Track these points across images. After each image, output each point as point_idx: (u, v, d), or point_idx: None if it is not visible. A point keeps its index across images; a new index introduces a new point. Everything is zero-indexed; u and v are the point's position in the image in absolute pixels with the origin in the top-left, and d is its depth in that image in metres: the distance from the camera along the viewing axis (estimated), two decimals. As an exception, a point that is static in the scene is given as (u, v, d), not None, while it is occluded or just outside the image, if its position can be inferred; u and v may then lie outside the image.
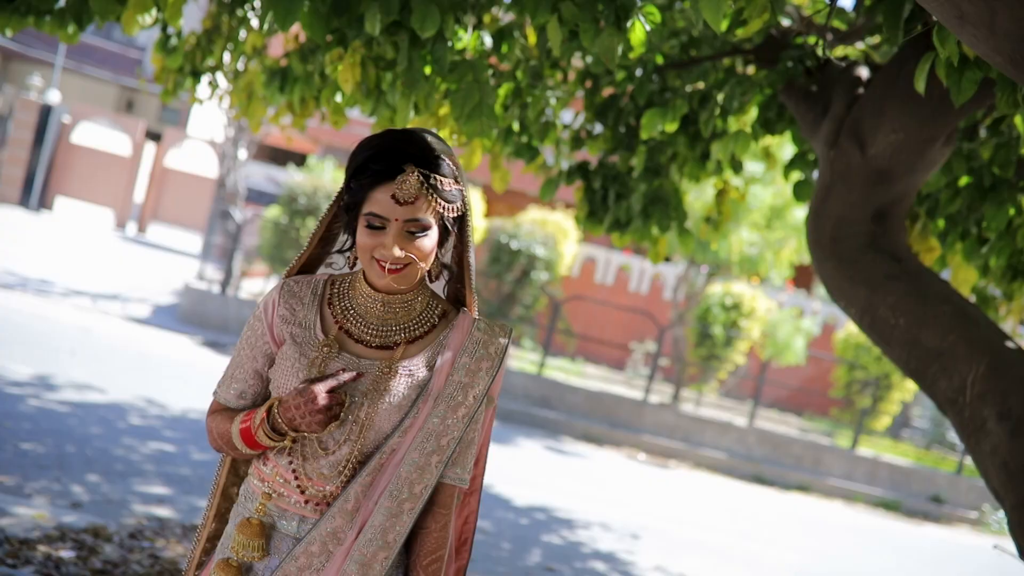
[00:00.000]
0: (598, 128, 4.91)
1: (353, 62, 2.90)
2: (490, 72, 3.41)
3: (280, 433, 1.77)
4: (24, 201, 19.64)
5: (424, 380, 1.80)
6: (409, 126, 3.57)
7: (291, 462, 1.80)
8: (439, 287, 1.95)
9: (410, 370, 1.80)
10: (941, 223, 3.95)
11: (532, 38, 4.17)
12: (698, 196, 10.67)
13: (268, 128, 14.22)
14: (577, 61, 4.68)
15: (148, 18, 3.13)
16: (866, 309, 3.20)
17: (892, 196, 3.25)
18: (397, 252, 1.72)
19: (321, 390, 1.73)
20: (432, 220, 1.74)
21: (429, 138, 1.78)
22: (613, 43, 2.46)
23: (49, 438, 6.23)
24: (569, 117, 5.07)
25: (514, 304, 13.62)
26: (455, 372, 1.81)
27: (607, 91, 4.63)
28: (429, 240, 1.75)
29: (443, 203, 1.74)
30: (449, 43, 3.04)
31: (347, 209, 1.80)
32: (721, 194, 5.74)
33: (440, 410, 1.79)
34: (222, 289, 12.78)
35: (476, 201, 15.83)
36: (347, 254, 1.88)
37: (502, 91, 3.62)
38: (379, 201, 1.72)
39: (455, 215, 1.79)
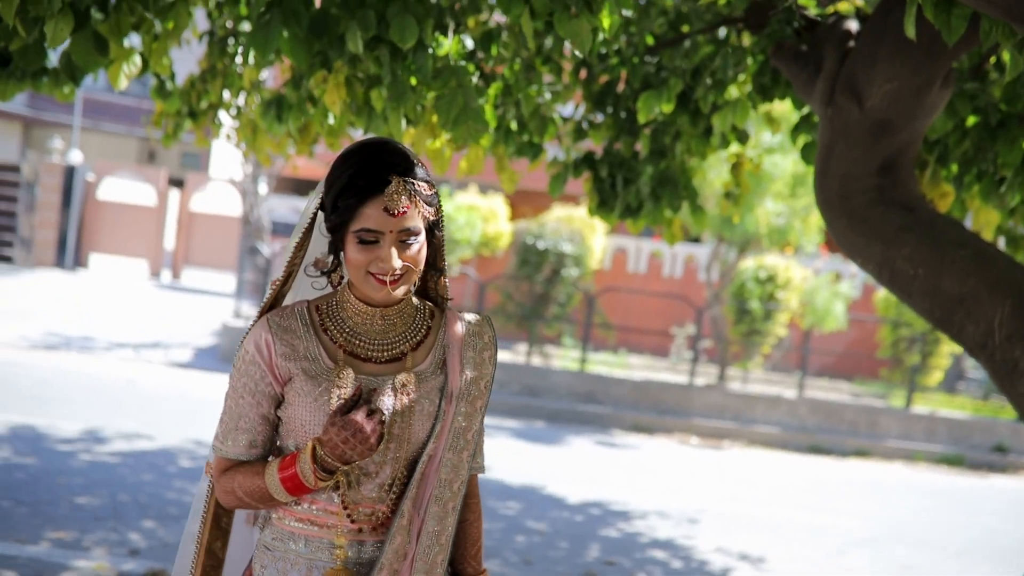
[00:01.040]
0: (599, 117, 4.89)
1: (338, 83, 2.92)
2: (476, 75, 3.41)
3: (330, 472, 1.74)
4: (59, 262, 19.98)
5: (441, 382, 1.84)
6: (404, 138, 3.60)
7: (338, 492, 1.78)
8: None
9: (425, 375, 1.83)
10: (954, 167, 3.87)
11: (529, 34, 4.16)
12: (718, 174, 10.58)
13: (283, 160, 14.35)
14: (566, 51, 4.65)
15: (133, 68, 3.15)
16: (883, 264, 3.15)
17: (896, 146, 3.20)
18: (397, 263, 1.72)
19: (361, 417, 1.70)
20: (421, 226, 1.76)
21: (399, 144, 1.80)
22: (585, 28, 2.45)
23: (102, 489, 6.32)
24: (570, 110, 5.05)
25: (548, 304, 13.59)
26: (465, 368, 1.85)
27: (603, 79, 4.61)
28: (420, 246, 1.77)
29: (428, 208, 1.77)
30: (431, 50, 3.04)
31: (333, 230, 1.78)
32: (736, 167, 5.69)
33: (462, 407, 1.83)
34: (259, 324, 12.88)
35: (500, 206, 15.86)
36: (331, 276, 1.86)
37: (492, 91, 3.61)
38: (370, 216, 1.71)
39: (435, 217, 1.80)
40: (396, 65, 2.88)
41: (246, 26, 4.46)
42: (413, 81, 3.09)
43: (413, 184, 1.73)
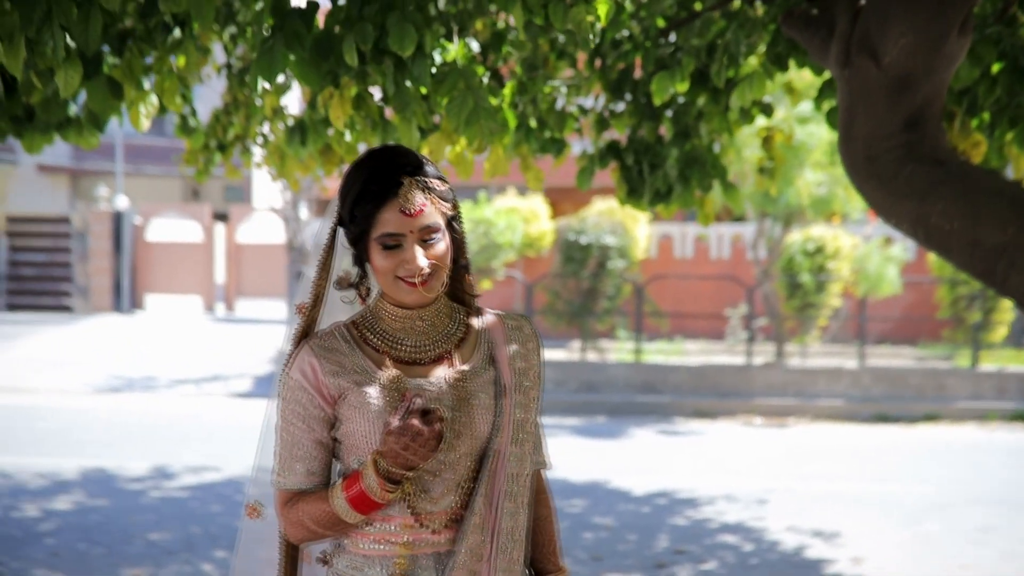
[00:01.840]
0: (620, 106, 4.86)
1: (343, 99, 2.93)
2: (487, 76, 3.41)
3: (397, 482, 1.71)
4: (117, 306, 20.40)
5: (493, 376, 1.84)
6: (423, 147, 3.60)
7: (407, 504, 1.75)
8: None
9: (477, 370, 1.82)
10: (986, 116, 3.77)
11: (520, 26, 4.15)
12: (753, 151, 10.44)
13: (324, 182, 14.49)
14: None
15: (151, 108, 3.21)
16: (918, 221, 3.07)
17: (919, 101, 3.12)
18: (423, 261, 1.72)
19: (418, 420, 1.66)
20: (441, 223, 1.76)
21: (406, 148, 1.82)
22: (582, 16, 2.43)
23: (174, 524, 6.43)
24: (591, 102, 5.02)
25: (597, 299, 13.52)
26: (513, 360, 1.85)
27: (618, 66, 4.57)
28: (443, 244, 1.77)
29: (445, 204, 1.77)
30: (437, 55, 3.04)
31: (354, 242, 1.78)
32: (767, 141, 5.62)
33: (518, 399, 1.83)
34: (313, 347, 13.02)
35: (540, 206, 15.83)
36: (359, 288, 1.84)
37: (506, 91, 3.60)
38: (389, 220, 1.71)
39: (453, 213, 1.81)
40: (399, 76, 2.89)
41: (260, 55, 4.51)
42: (423, 90, 3.10)
43: (426, 182, 1.75)
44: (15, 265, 20.52)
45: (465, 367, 1.81)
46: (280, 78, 4.37)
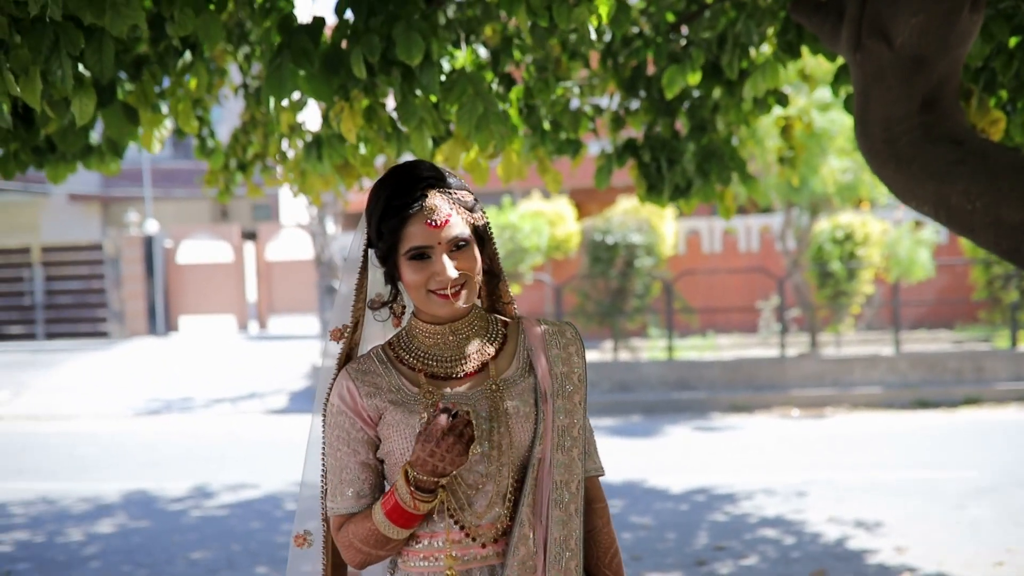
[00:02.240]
0: (635, 104, 4.84)
1: (352, 111, 2.94)
2: (495, 81, 3.41)
3: (430, 491, 1.70)
4: (152, 330, 20.64)
5: (532, 384, 1.81)
6: (437, 156, 3.61)
7: (452, 519, 1.74)
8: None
9: (514, 379, 1.80)
10: (1004, 93, 3.72)
11: (525, 28, 4.15)
12: (776, 142, 10.35)
13: (346, 195, 14.57)
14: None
15: (164, 132, 3.24)
16: (939, 203, 3.03)
17: (934, 80, 3.08)
18: (453, 272, 1.71)
19: (442, 423, 1.66)
20: (468, 233, 1.76)
21: (428, 162, 1.82)
22: (585, 15, 2.43)
23: (214, 542, 6.48)
24: (606, 102, 5.01)
25: (626, 298, 13.48)
26: (553, 365, 1.81)
27: (631, 64, 4.56)
28: (471, 253, 1.76)
29: (471, 214, 1.77)
30: (445, 63, 3.05)
31: (383, 259, 1.78)
32: (786, 130, 5.58)
33: (560, 405, 1.79)
34: (346, 361, 13.10)
35: (566, 208, 15.82)
36: (391, 306, 1.84)
37: (513, 95, 3.60)
38: (415, 234, 1.71)
39: (482, 223, 1.81)
40: (406, 86, 2.90)
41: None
42: (433, 98, 3.11)
43: (450, 193, 1.75)
44: (51, 294, 20.82)
45: (502, 377, 1.80)
46: (296, 95, 4.42)
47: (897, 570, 5.36)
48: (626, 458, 8.65)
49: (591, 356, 12.88)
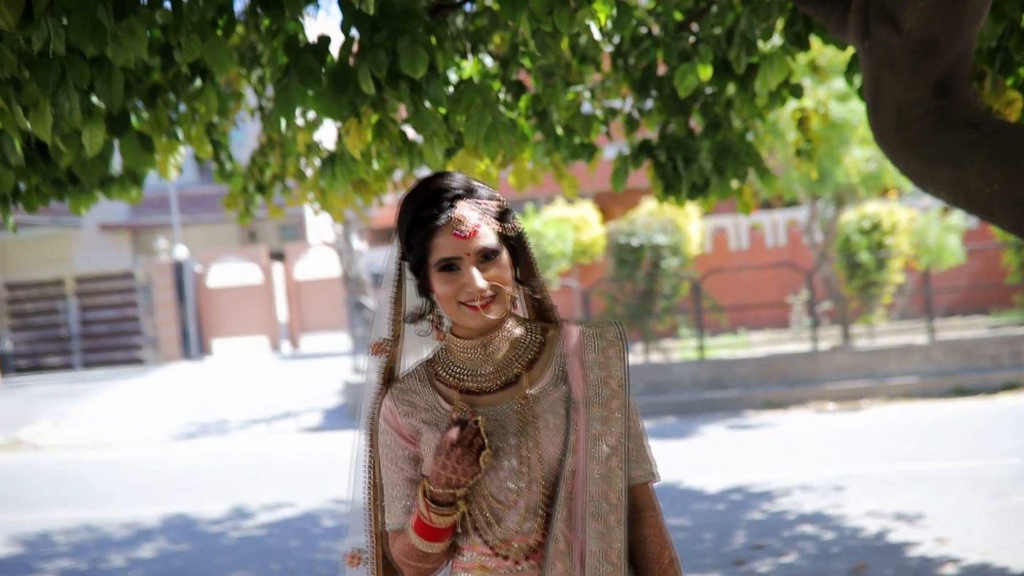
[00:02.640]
0: (648, 104, 4.83)
1: (359, 128, 2.96)
2: (503, 90, 3.41)
3: (448, 504, 1.71)
4: (186, 354, 20.84)
5: (564, 394, 1.75)
6: (448, 167, 3.62)
7: (481, 535, 1.74)
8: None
9: (546, 390, 1.76)
10: (1022, 72, 3.66)
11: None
12: (796, 135, 10.29)
13: (369, 212, 14.64)
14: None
15: (179, 158, 3.27)
16: (957, 187, 2.99)
17: (946, 63, 3.04)
18: (482, 283, 1.69)
19: (453, 435, 1.67)
20: (498, 243, 1.73)
21: (458, 173, 1.80)
22: (587, 19, 2.42)
23: (253, 562, 6.52)
24: (619, 104, 5.00)
25: (654, 299, 13.43)
26: (589, 372, 1.76)
27: (641, 64, 4.55)
28: (502, 264, 1.73)
29: (501, 224, 1.74)
30: (452, 75, 3.06)
31: (415, 271, 1.77)
32: (803, 122, 5.54)
33: (595, 413, 1.73)
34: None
35: (590, 213, 15.80)
36: (429, 318, 1.82)
37: (522, 104, 3.61)
38: (444, 245, 1.70)
39: (515, 233, 1.77)
40: (416, 97, 2.91)
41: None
42: (442, 111, 3.12)
43: (478, 203, 1.72)
44: (86, 324, 21.09)
45: (533, 389, 1.75)
46: (311, 114, 4.46)
47: (940, 562, 5.29)
48: (661, 460, 8.49)
49: (622, 359, 12.82)
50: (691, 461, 8.58)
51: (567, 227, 14.96)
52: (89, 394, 16.98)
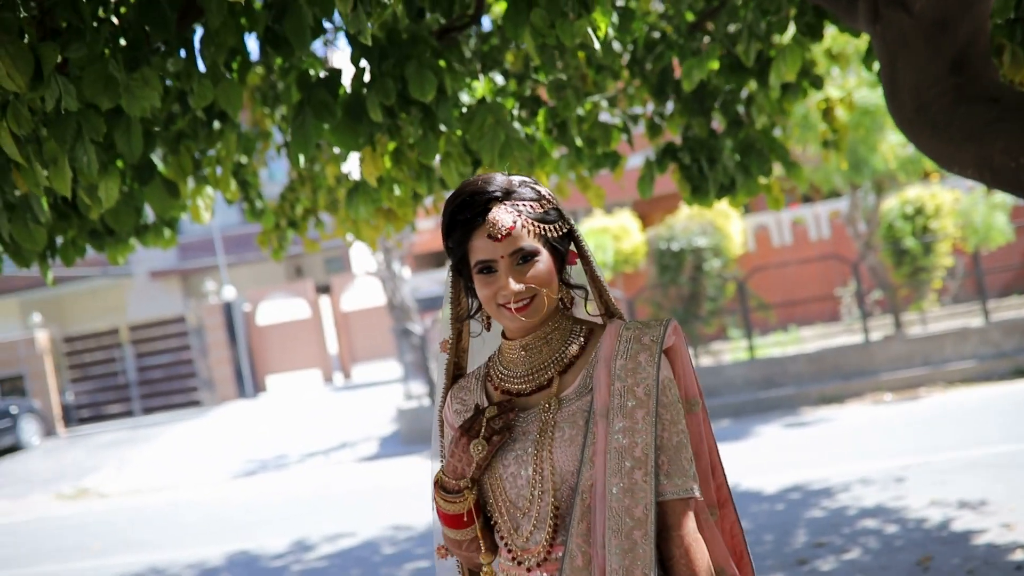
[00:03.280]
0: (668, 108, 4.82)
1: (374, 157, 2.99)
2: (516, 107, 3.43)
3: (455, 492, 1.75)
4: (241, 393, 21.11)
5: (587, 403, 1.71)
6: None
7: (503, 541, 1.76)
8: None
9: (569, 398, 1.73)
10: (1042, 42, 3.59)
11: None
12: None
13: (408, 238, 14.75)
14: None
15: (208, 200, 3.33)
16: (982, 164, 2.93)
17: (961, 40, 3.00)
18: (515, 286, 1.68)
19: (463, 425, 1.75)
20: (537, 245, 1.70)
21: (506, 173, 1.78)
22: (586, 28, 2.43)
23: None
24: (639, 109, 4.99)
25: (699, 302, 13.33)
26: (615, 379, 1.69)
27: (658, 68, 4.54)
28: (542, 265, 1.70)
29: (540, 225, 1.71)
30: (464, 96, 3.09)
31: (459, 272, 1.79)
32: (828, 113, 5.49)
33: (618, 424, 1.66)
34: (431, 400, 13.21)
35: (629, 221, 15.75)
36: (479, 316, 1.86)
37: (540, 118, 3.62)
38: (479, 248, 1.70)
39: (559, 233, 1.74)
40: (426, 123, 2.94)
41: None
42: (458, 132, 3.14)
43: (517, 204, 1.70)
44: (143, 370, 21.48)
45: (562, 395, 1.74)
46: (335, 150, 4.51)
47: (1007, 548, 5.16)
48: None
49: (672, 365, 12.72)
50: (748, 463, 8.48)
51: (607, 237, 14.92)
52: (150, 439, 17.27)
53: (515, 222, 1.68)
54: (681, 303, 13.32)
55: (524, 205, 1.71)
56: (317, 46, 5.16)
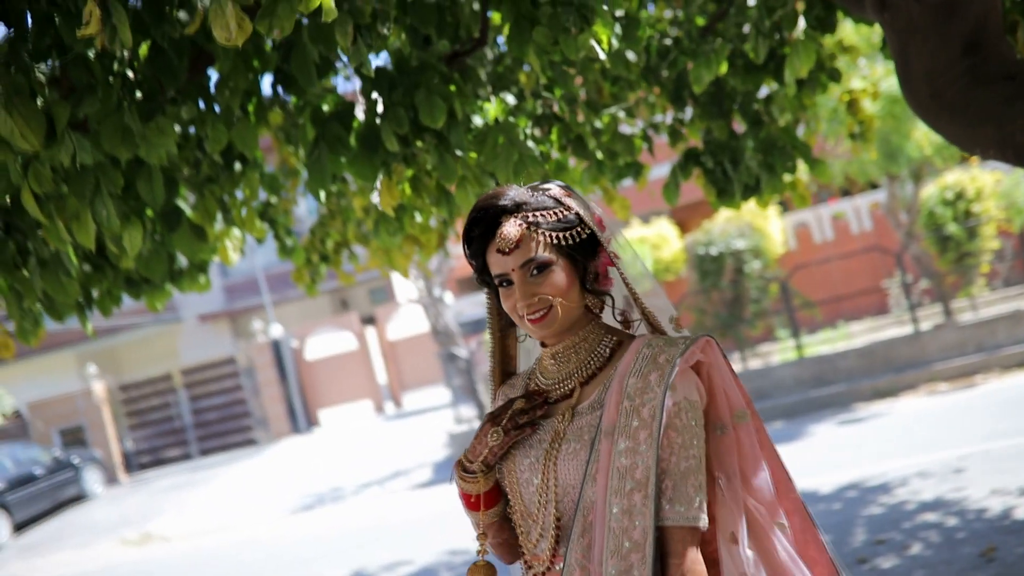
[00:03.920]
0: (688, 113, 4.81)
1: (390, 185, 3.02)
2: (529, 125, 3.45)
3: (471, 473, 1.79)
4: (295, 429, 21.30)
5: (597, 419, 1.69)
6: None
7: (520, 543, 1.79)
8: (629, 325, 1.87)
9: (582, 412, 1.72)
10: (1059, 16, 3.53)
11: (537, 67, 4.18)
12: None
13: (447, 263, 14.81)
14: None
15: (236, 242, 3.39)
16: (1004, 143, 2.89)
17: (972, 22, 2.95)
18: (525, 298, 1.69)
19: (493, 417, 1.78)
20: (550, 255, 1.68)
21: (522, 185, 1.77)
22: (589, 41, 2.45)
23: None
24: (659, 117, 4.98)
25: (743, 305, 13.21)
26: (625, 398, 1.65)
27: (673, 75, 4.53)
28: (556, 275, 1.69)
29: (552, 234, 1.68)
30: (477, 119, 3.11)
31: (488, 285, 1.81)
32: (852, 105, 5.44)
33: (621, 444, 1.62)
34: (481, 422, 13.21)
35: (667, 229, 15.68)
36: (516, 328, 1.90)
37: (553, 135, 3.63)
38: (494, 262, 1.71)
39: (576, 240, 1.70)
40: (441, 147, 2.96)
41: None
42: (473, 155, 3.16)
43: (527, 216, 1.68)
44: (198, 412, 21.80)
45: (577, 407, 1.73)
46: (353, 185, 4.57)
47: (1073, 532, 5.03)
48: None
49: (720, 371, 12.60)
50: (802, 463, 8.35)
51: (645, 247, 14.87)
52: (209, 480, 17.47)
53: (520, 234, 1.67)
54: (724, 307, 13.21)
55: (537, 215, 1.69)
56: (339, 80, 5.23)
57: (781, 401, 11.31)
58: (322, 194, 3.09)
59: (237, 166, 3.42)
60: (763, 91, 4.76)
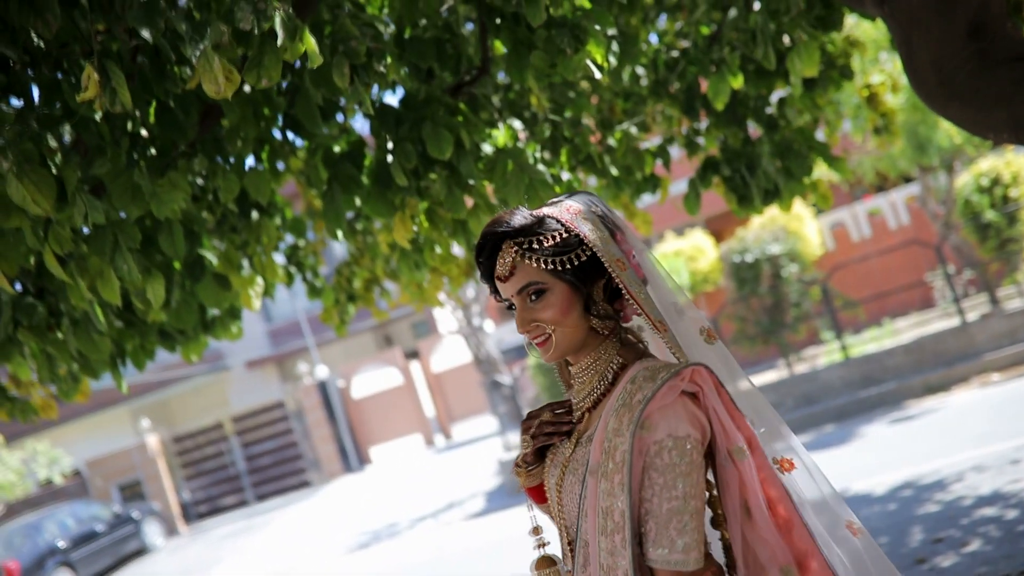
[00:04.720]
0: (703, 123, 4.81)
1: (403, 218, 3.05)
2: (538, 149, 3.47)
3: (517, 465, 1.86)
4: (347, 468, 21.41)
5: (588, 452, 1.66)
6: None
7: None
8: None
9: (582, 443, 1.70)
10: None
11: (536, 89, 4.19)
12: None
13: (483, 291, 14.85)
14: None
15: (258, 288, 3.44)
16: (1016, 126, 2.85)
17: (974, 6, 2.92)
18: (523, 324, 1.69)
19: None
20: (547, 279, 1.66)
21: (516, 210, 1.74)
22: (584, 61, 2.47)
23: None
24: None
25: (784, 310, 13.07)
26: (607, 437, 1.61)
27: (683, 86, 4.54)
28: (553, 299, 1.67)
29: (547, 260, 1.66)
30: (485, 146, 3.14)
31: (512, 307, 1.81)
32: (872, 99, 5.40)
33: (603, 484, 1.59)
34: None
35: (703, 240, 15.60)
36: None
37: (563, 157, 3.65)
38: (499, 287, 1.72)
39: (575, 263, 1.67)
40: (452, 179, 2.99)
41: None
42: (484, 183, 3.19)
43: (522, 242, 1.66)
44: (251, 459, 21.99)
45: (581, 437, 1.72)
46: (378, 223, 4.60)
47: None
48: (825, 471, 8.26)
49: (768, 377, 12.48)
50: (855, 466, 8.23)
51: (680, 260, 14.80)
52: (266, 525, 17.59)
53: (513, 261, 1.67)
54: (765, 314, 13.09)
55: (528, 242, 1.67)
56: (359, 119, 5.31)
57: (830, 404, 11.15)
58: (339, 233, 3.13)
59: (254, 214, 3.48)
60: (777, 94, 4.74)
